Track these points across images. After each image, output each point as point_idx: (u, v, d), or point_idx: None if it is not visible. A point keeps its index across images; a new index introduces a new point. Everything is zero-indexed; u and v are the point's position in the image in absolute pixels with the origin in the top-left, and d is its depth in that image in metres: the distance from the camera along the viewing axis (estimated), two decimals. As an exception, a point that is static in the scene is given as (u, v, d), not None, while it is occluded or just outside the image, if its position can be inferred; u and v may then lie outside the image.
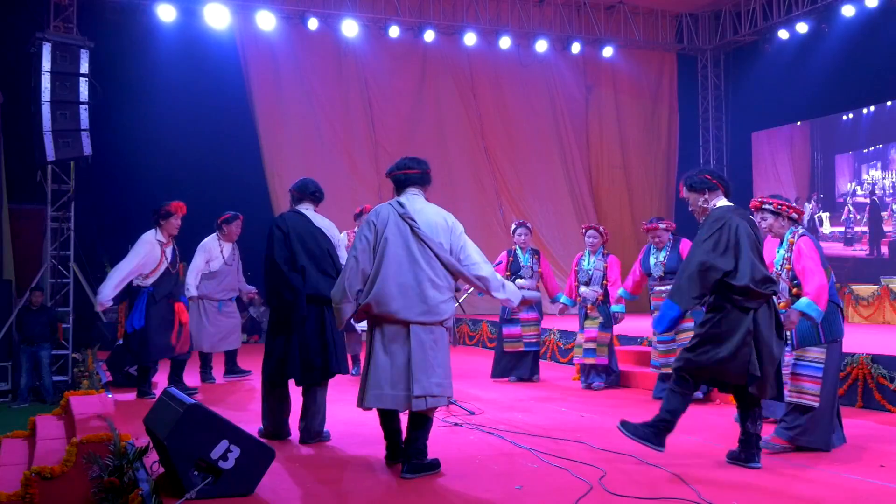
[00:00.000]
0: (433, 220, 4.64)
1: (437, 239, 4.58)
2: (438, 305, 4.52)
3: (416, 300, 4.47)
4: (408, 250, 4.52)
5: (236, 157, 12.93)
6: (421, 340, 4.49)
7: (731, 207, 4.82)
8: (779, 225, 5.27)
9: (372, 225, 4.60)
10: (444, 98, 14.68)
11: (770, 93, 14.78)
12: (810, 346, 5.08)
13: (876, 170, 13.34)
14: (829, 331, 5.08)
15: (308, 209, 5.75)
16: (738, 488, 4.25)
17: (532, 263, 8.48)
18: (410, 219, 4.57)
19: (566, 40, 14.79)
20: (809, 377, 5.04)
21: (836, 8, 12.99)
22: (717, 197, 4.90)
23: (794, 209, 5.28)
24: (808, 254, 5.04)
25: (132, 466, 4.44)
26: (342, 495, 4.31)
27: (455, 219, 4.76)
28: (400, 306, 4.46)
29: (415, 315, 4.47)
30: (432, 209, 4.72)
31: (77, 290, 12.21)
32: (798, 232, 5.22)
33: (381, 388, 4.50)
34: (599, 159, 15.81)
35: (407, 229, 4.56)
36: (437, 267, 4.55)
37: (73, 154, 11.14)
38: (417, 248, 4.53)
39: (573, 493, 4.15)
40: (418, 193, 4.77)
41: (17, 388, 11.34)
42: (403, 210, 4.61)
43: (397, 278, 4.48)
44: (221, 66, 13.13)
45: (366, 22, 13.76)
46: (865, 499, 4.15)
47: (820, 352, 5.05)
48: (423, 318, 4.48)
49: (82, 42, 11.30)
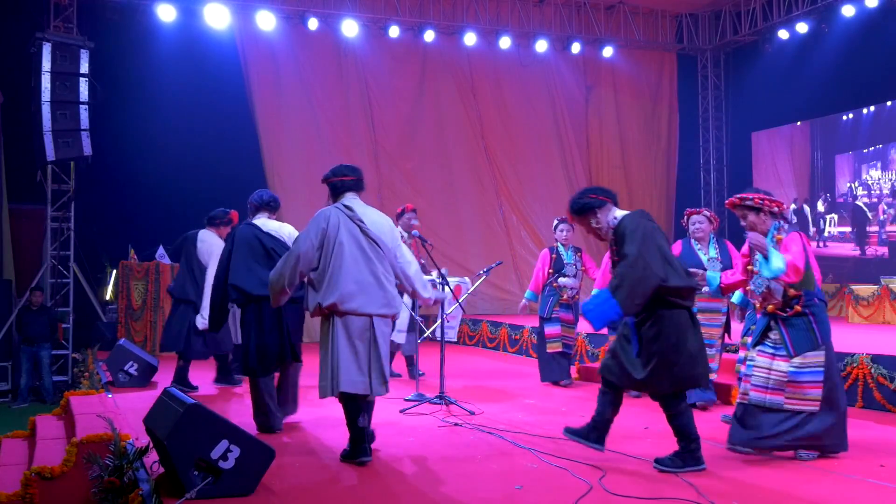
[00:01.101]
0: (378, 220, 5.07)
1: (383, 238, 4.99)
2: (393, 299, 4.96)
3: (377, 294, 4.87)
4: (361, 249, 4.90)
5: (236, 156, 12.92)
6: (382, 332, 4.92)
7: (638, 213, 4.80)
8: (760, 221, 5.04)
9: (322, 229, 4.93)
10: (444, 98, 14.67)
11: (770, 93, 14.78)
12: (808, 351, 4.89)
13: (876, 170, 13.34)
14: (823, 332, 4.94)
15: (262, 217, 6.19)
16: (738, 488, 4.25)
17: (575, 261, 8.14)
18: (359, 220, 4.95)
19: (566, 40, 14.79)
20: (811, 383, 4.86)
21: (836, 8, 12.99)
22: (609, 211, 4.80)
23: (775, 202, 5.05)
24: (793, 248, 4.85)
25: (132, 466, 4.44)
26: (342, 495, 4.31)
27: (392, 223, 5.20)
28: (363, 301, 4.83)
29: (376, 308, 4.87)
30: (374, 211, 5.13)
31: (77, 290, 12.22)
32: (785, 228, 5.03)
33: (352, 375, 4.83)
34: (599, 159, 15.80)
35: (357, 230, 4.93)
36: (386, 263, 4.99)
37: (73, 154, 11.16)
38: (369, 247, 4.93)
39: (573, 493, 4.15)
40: (356, 198, 5.12)
41: (17, 388, 11.35)
42: (352, 213, 4.98)
43: (356, 276, 4.84)
44: (221, 66, 13.13)
45: (366, 22, 13.76)
46: (865, 499, 4.15)
47: (818, 355, 4.89)
48: (382, 311, 4.90)
49: (82, 42, 11.32)
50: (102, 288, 12.52)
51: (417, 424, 6.09)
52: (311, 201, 12.57)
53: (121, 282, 11.55)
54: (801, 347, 4.89)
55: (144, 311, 11.46)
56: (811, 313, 4.90)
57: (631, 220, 4.69)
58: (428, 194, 14.18)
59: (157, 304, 11.44)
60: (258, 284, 5.74)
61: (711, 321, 6.54)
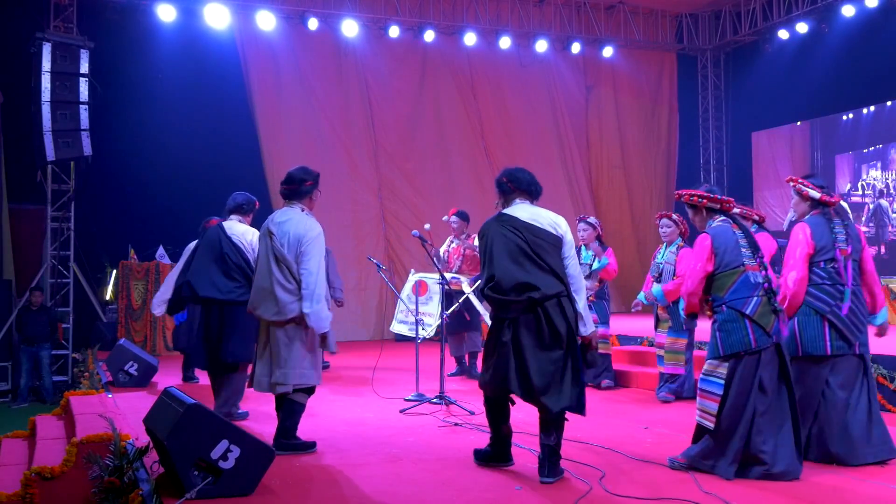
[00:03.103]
0: (293, 230, 5.18)
1: (284, 249, 5.15)
2: (287, 306, 5.09)
3: (271, 302, 5.12)
4: (267, 259, 5.19)
5: (236, 157, 12.92)
6: (276, 337, 5.15)
7: (495, 216, 4.75)
8: (700, 219, 4.81)
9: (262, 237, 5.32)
10: (444, 98, 14.67)
11: (770, 93, 14.79)
12: (711, 357, 4.55)
13: (876, 170, 13.34)
14: (728, 343, 4.45)
15: (232, 220, 6.46)
16: (738, 488, 4.25)
17: (591, 261, 7.76)
18: (271, 231, 5.22)
19: (566, 40, 14.79)
20: (710, 394, 4.49)
21: (836, 8, 12.99)
22: (511, 202, 4.79)
23: (717, 200, 4.73)
24: (687, 256, 4.76)
25: (132, 466, 4.44)
26: (342, 495, 4.31)
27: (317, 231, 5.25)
28: (262, 309, 5.18)
29: (270, 315, 5.14)
30: (294, 221, 5.24)
31: (77, 290, 12.22)
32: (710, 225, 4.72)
33: (260, 375, 5.20)
34: (599, 159, 15.81)
35: (268, 240, 5.22)
36: (286, 272, 5.13)
37: (73, 154, 11.16)
38: (272, 257, 5.17)
39: (573, 493, 4.15)
40: (292, 207, 5.36)
41: (17, 388, 11.36)
42: (269, 223, 5.29)
43: (259, 283, 5.21)
44: (221, 66, 13.13)
45: (366, 22, 13.76)
46: (865, 499, 4.15)
47: (720, 365, 4.49)
48: (275, 318, 5.12)
49: (82, 42, 11.31)
50: (102, 288, 12.53)
51: (417, 424, 6.09)
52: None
53: (121, 282, 11.56)
54: (709, 353, 4.61)
55: (144, 311, 11.46)
56: (716, 320, 4.57)
57: (485, 224, 4.78)
58: (428, 194, 14.17)
59: (157, 304, 11.43)
60: (207, 285, 6.16)
61: None
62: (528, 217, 4.65)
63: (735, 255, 4.57)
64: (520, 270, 4.48)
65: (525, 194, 4.82)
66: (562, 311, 4.45)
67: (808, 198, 5.04)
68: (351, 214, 13.63)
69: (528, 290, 4.43)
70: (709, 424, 4.46)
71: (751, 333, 4.43)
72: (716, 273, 4.58)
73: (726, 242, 4.60)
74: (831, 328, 4.77)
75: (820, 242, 4.86)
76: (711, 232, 4.66)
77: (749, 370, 4.44)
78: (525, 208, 4.74)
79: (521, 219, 4.63)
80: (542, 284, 4.45)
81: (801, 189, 5.06)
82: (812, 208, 5.04)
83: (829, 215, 4.96)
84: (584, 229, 7.91)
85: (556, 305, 4.45)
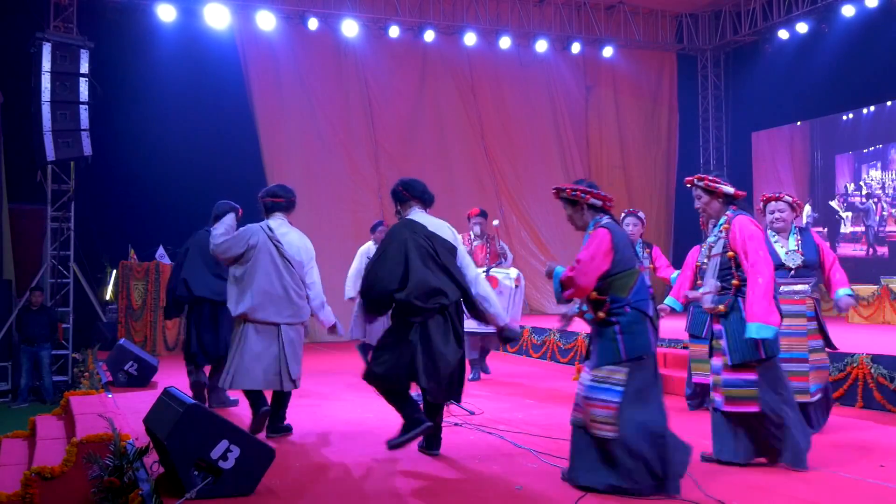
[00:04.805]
0: (296, 243, 5.74)
1: (298, 258, 5.68)
2: (302, 309, 5.67)
3: (285, 306, 5.57)
4: (275, 266, 5.58)
5: (236, 156, 12.92)
6: (290, 338, 5.61)
7: (403, 222, 5.06)
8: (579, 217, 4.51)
9: (247, 243, 5.60)
10: (444, 98, 14.68)
11: (770, 93, 14.78)
12: (608, 364, 4.17)
13: (876, 170, 13.35)
14: (632, 346, 4.15)
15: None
16: (738, 488, 4.25)
17: (643, 258, 7.06)
18: (277, 241, 5.62)
19: (566, 40, 14.79)
20: (602, 402, 4.12)
21: (836, 8, 12.99)
22: (409, 210, 5.10)
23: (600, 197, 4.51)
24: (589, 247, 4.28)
25: (132, 466, 4.44)
26: (342, 495, 4.31)
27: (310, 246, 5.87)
28: (272, 312, 5.54)
29: (284, 318, 5.58)
30: (295, 234, 5.80)
31: (77, 290, 12.22)
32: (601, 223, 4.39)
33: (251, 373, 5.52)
34: (599, 159, 15.80)
35: (273, 248, 5.60)
36: (297, 279, 5.66)
37: (73, 154, 11.16)
38: (282, 265, 5.59)
39: (573, 493, 4.15)
40: (283, 219, 5.81)
41: (17, 388, 11.35)
42: (272, 234, 5.65)
43: (266, 288, 5.53)
44: (221, 66, 13.12)
45: (366, 22, 13.76)
46: (865, 499, 4.15)
47: (618, 370, 4.15)
48: (290, 320, 5.61)
49: (82, 42, 11.32)
50: (102, 288, 12.53)
51: (417, 424, 6.08)
52: (310, 201, 12.58)
53: (121, 282, 11.56)
54: (602, 359, 4.20)
55: (144, 311, 11.47)
56: (617, 322, 4.18)
57: (393, 227, 5.10)
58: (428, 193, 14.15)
59: (157, 304, 11.44)
60: (201, 286, 6.83)
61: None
62: (431, 226, 5.04)
63: (631, 254, 4.35)
64: (433, 277, 4.86)
65: (419, 202, 5.18)
66: (459, 315, 4.99)
67: (721, 194, 4.74)
68: (351, 215, 13.62)
69: (439, 295, 4.84)
70: (611, 434, 4.07)
71: (651, 336, 4.22)
72: (614, 272, 4.23)
73: (623, 240, 4.34)
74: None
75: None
76: (610, 227, 4.34)
77: (649, 374, 4.22)
78: (424, 217, 5.12)
79: (428, 227, 5.02)
80: (449, 290, 4.88)
81: (715, 187, 4.71)
82: (727, 205, 4.75)
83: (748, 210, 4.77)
84: (633, 224, 6.98)
85: (456, 309, 4.97)
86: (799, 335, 5.35)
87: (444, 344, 4.84)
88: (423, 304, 4.80)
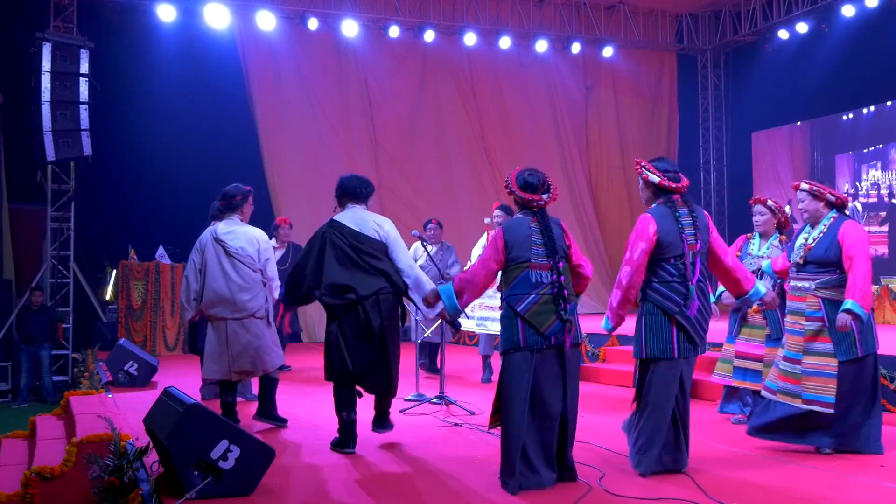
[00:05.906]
0: (241, 238, 5.95)
1: (245, 252, 5.90)
2: (246, 304, 5.86)
3: (231, 302, 5.83)
4: (220, 265, 5.86)
5: (236, 156, 12.92)
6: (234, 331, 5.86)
7: (328, 222, 5.24)
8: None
9: (199, 250, 5.95)
10: (444, 98, 14.68)
11: (770, 93, 14.79)
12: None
13: (876, 170, 13.35)
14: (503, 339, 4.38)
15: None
16: (739, 488, 4.25)
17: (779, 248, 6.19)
18: (221, 241, 5.89)
19: (566, 40, 14.79)
20: None
21: (836, 8, 13.00)
22: (345, 207, 5.31)
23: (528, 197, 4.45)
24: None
25: (132, 466, 4.44)
26: (342, 495, 4.31)
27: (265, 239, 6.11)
28: (220, 309, 5.84)
29: (229, 314, 5.84)
30: (242, 229, 6.02)
31: (77, 290, 12.22)
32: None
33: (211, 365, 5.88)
34: (599, 159, 15.81)
35: (219, 248, 5.88)
36: (244, 275, 5.88)
37: (73, 154, 11.16)
38: (228, 263, 5.87)
39: (573, 493, 4.15)
40: (233, 219, 6.06)
41: (17, 388, 11.36)
42: (216, 235, 5.92)
43: (215, 287, 5.84)
44: (221, 66, 13.13)
45: (366, 22, 13.76)
46: (865, 499, 4.15)
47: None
48: (235, 315, 5.85)
49: (82, 42, 11.31)
50: (102, 288, 12.53)
51: (417, 424, 6.09)
52: (310, 201, 12.60)
53: (121, 282, 11.56)
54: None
55: (144, 311, 11.47)
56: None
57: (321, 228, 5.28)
58: (428, 194, 14.18)
59: (157, 304, 11.45)
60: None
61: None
62: (354, 223, 5.18)
63: (523, 249, 4.34)
64: (344, 274, 5.06)
65: (353, 198, 5.35)
66: (378, 308, 5.05)
67: (649, 183, 4.59)
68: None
69: (347, 291, 5.03)
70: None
71: (520, 332, 4.25)
72: (507, 267, 4.40)
73: (517, 236, 4.37)
74: (679, 330, 4.43)
75: (667, 238, 4.43)
76: (505, 224, 4.50)
77: (519, 368, 4.26)
78: (354, 213, 5.28)
79: (348, 225, 5.17)
80: (359, 286, 5.03)
81: (642, 173, 4.61)
82: (656, 195, 4.60)
83: (675, 204, 4.52)
84: (761, 213, 6.07)
85: (374, 304, 5.05)
86: (794, 333, 5.12)
87: (356, 338, 5.06)
88: (332, 301, 5.07)
